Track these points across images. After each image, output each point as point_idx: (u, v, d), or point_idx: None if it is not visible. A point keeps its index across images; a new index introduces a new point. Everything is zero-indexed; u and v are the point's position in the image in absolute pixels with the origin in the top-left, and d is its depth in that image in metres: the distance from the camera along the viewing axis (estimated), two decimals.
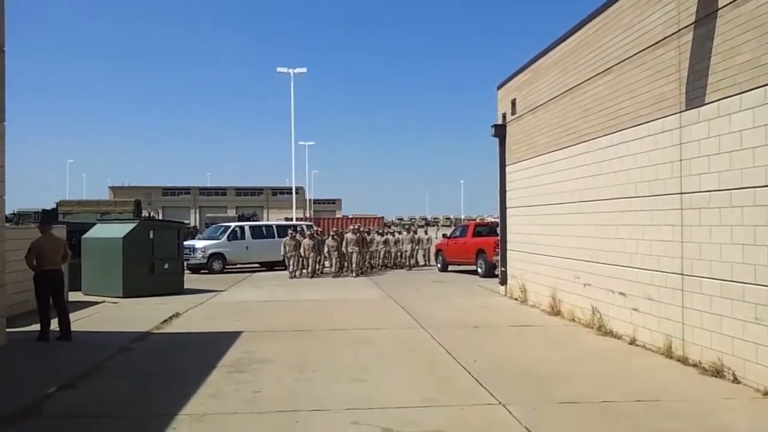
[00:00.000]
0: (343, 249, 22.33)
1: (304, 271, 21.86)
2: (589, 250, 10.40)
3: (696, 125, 7.52)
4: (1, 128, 9.20)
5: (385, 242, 24.71)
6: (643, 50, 8.70)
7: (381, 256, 24.60)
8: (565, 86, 11.41)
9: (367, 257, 23.55)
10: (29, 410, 6.09)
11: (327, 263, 23.22)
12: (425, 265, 25.72)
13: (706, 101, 7.33)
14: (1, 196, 9.22)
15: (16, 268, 9.80)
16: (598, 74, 10.06)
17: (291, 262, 21.81)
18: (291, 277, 21.36)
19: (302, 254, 21.74)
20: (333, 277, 21.71)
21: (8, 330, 9.59)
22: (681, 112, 7.83)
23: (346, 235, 22.70)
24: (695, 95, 7.54)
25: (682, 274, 7.84)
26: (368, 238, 23.85)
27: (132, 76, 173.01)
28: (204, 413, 5.93)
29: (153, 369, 7.95)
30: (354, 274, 21.74)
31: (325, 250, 22.32)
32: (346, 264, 22.48)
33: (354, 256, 22.07)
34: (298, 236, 22.25)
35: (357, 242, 22.27)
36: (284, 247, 21.93)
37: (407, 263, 24.82)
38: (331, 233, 23.09)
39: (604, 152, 9.83)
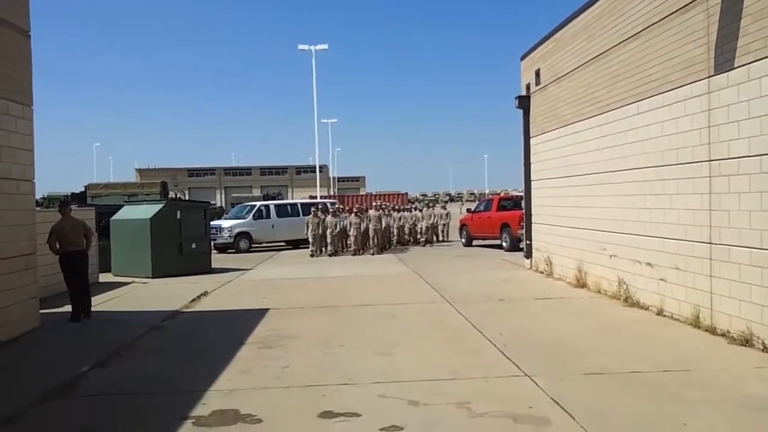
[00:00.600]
0: (365, 225, 22.23)
1: (329, 248, 21.85)
2: (615, 221, 10.27)
3: (725, 90, 7.33)
4: (28, 112, 9.32)
5: (401, 218, 24.50)
6: (672, 14, 8.46)
7: (405, 232, 24.42)
8: (591, 54, 11.17)
9: (387, 234, 23.43)
10: (65, 388, 6.26)
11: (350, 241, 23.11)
12: (444, 241, 25.58)
13: (736, 65, 7.12)
14: (31, 179, 9.37)
15: (47, 250, 10.01)
16: (625, 40, 9.82)
17: (313, 240, 21.76)
18: (312, 255, 21.36)
19: (324, 232, 21.63)
20: (353, 254, 21.63)
21: (41, 311, 9.83)
22: (710, 76, 7.63)
23: (368, 212, 22.63)
24: (724, 59, 7.33)
25: (710, 243, 7.70)
26: (385, 212, 23.67)
27: (155, 60, 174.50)
28: (234, 388, 6.04)
29: (183, 346, 8.11)
30: (378, 251, 21.71)
31: (348, 227, 22.27)
32: (370, 242, 22.33)
33: (377, 233, 22.05)
34: (320, 213, 22.16)
35: (379, 219, 22.22)
36: (307, 225, 21.91)
37: (429, 239, 24.68)
38: (354, 210, 22.97)
39: (631, 120, 9.64)
